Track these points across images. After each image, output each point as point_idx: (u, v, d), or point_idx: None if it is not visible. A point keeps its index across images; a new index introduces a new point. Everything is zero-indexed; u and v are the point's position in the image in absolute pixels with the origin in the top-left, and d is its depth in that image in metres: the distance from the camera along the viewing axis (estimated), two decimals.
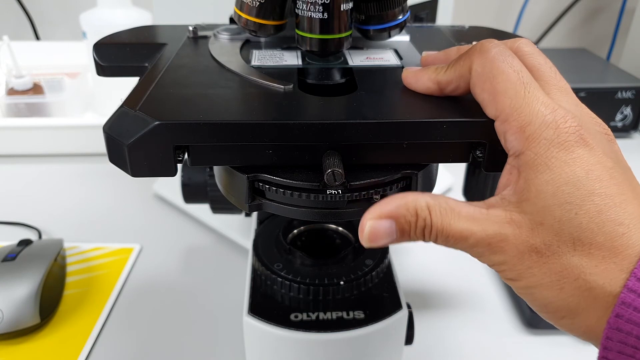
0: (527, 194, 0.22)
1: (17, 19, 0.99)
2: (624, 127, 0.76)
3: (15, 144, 0.70)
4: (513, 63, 0.24)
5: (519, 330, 0.45)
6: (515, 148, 0.23)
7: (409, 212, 0.23)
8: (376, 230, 0.23)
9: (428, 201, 0.23)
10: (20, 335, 0.42)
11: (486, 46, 0.25)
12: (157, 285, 0.49)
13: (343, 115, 0.26)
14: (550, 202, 0.21)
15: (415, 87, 0.28)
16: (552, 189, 0.21)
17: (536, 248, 0.22)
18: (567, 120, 0.22)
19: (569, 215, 0.21)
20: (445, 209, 0.23)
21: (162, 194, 0.61)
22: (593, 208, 0.21)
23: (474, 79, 0.25)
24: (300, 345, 0.32)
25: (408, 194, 0.24)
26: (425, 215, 0.23)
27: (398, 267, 0.51)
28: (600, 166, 0.22)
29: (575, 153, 0.22)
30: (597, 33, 1.08)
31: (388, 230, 0.23)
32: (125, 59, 0.36)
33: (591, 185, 0.21)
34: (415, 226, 0.23)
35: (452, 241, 0.23)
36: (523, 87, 0.23)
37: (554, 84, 0.25)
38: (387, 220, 0.23)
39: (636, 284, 0.20)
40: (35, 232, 0.56)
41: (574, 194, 0.21)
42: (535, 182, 0.22)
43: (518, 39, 0.27)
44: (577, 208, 0.21)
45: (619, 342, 0.20)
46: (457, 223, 0.23)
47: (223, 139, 0.24)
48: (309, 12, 0.30)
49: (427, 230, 0.23)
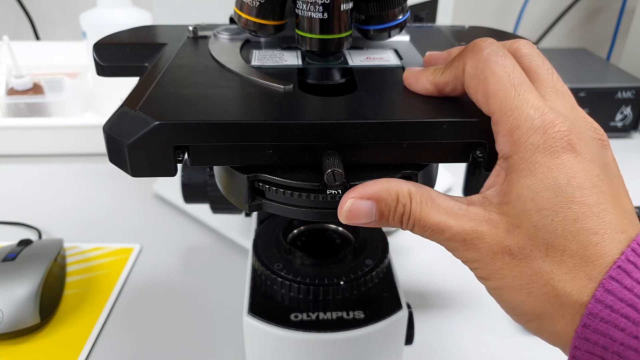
0: (509, 196, 0.22)
1: (17, 19, 0.99)
2: (624, 127, 0.76)
3: (15, 144, 0.70)
4: (505, 63, 0.24)
5: (519, 330, 0.45)
6: (504, 151, 0.23)
7: (390, 196, 0.23)
8: (356, 209, 0.24)
9: (410, 188, 0.23)
10: (20, 335, 0.42)
11: (479, 46, 0.24)
12: (157, 285, 0.49)
13: (343, 115, 0.26)
14: (529, 207, 0.22)
15: (414, 88, 0.28)
16: (532, 194, 0.22)
17: (510, 250, 0.22)
18: (555, 124, 0.22)
19: (545, 221, 0.21)
20: (427, 198, 0.23)
21: (162, 194, 0.61)
22: (570, 215, 0.21)
23: (467, 80, 0.25)
24: (300, 345, 0.32)
25: (393, 179, 0.24)
26: (406, 201, 0.23)
27: (398, 267, 0.51)
28: (584, 173, 0.22)
29: (560, 159, 0.22)
30: (597, 33, 1.08)
31: (367, 211, 0.24)
32: (125, 59, 0.36)
33: (571, 193, 0.21)
34: (395, 211, 0.23)
35: (429, 232, 0.23)
36: (513, 89, 0.23)
37: (550, 86, 0.24)
38: (368, 201, 0.24)
39: (604, 295, 0.20)
40: (35, 232, 0.56)
41: (553, 201, 0.21)
42: (517, 186, 0.22)
43: (518, 40, 0.27)
44: (554, 214, 0.21)
45: (586, 352, 0.21)
46: (435, 214, 0.23)
47: (223, 139, 0.24)
48: (309, 12, 0.30)
49: (405, 217, 0.23)
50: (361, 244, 0.37)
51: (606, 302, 0.20)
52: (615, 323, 0.20)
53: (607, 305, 0.20)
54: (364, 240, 0.38)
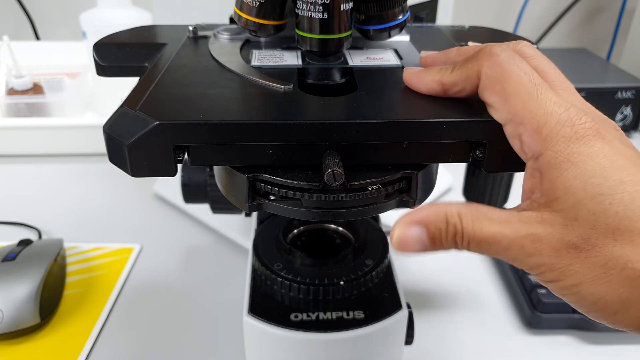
0: (556, 192, 0.22)
1: (17, 19, 0.99)
2: (624, 127, 0.76)
3: (15, 144, 0.70)
4: (523, 66, 0.24)
5: (519, 330, 0.45)
6: (534, 150, 0.23)
7: (439, 218, 0.23)
8: (405, 237, 0.23)
9: (459, 208, 0.23)
10: (20, 335, 0.42)
11: (495, 50, 0.25)
12: (157, 285, 0.49)
13: (343, 115, 0.26)
14: (581, 196, 0.21)
15: (418, 87, 0.28)
16: (581, 183, 0.21)
17: (574, 244, 0.21)
18: (581, 117, 0.22)
19: (603, 206, 0.21)
20: (476, 214, 0.23)
21: (162, 194, 0.61)
22: (626, 196, 0.21)
23: (483, 82, 0.25)
24: (300, 345, 0.32)
25: (439, 203, 0.24)
26: (456, 221, 0.23)
27: (398, 267, 0.51)
28: (622, 156, 0.22)
29: (596, 146, 0.22)
30: (597, 33, 1.08)
31: (418, 237, 0.23)
32: (125, 59, 0.36)
33: (619, 175, 0.21)
34: (447, 233, 0.23)
35: (485, 246, 0.23)
36: (535, 88, 0.23)
37: (559, 85, 0.25)
38: (417, 227, 0.23)
39: None
40: (35, 232, 0.56)
41: (604, 185, 0.21)
42: (562, 180, 0.22)
43: (519, 42, 0.27)
44: (610, 198, 0.21)
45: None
46: (488, 227, 0.22)
47: (223, 139, 0.24)
48: (309, 12, 0.30)
49: (458, 236, 0.23)
50: (361, 244, 0.37)
51: None
52: None
53: None
54: (364, 240, 0.38)
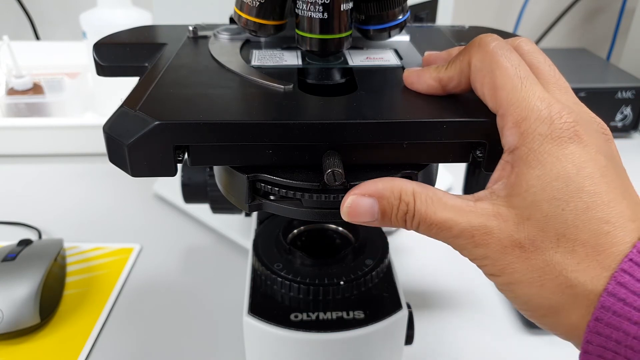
0: (518, 188, 0.22)
1: (17, 19, 0.99)
2: (624, 127, 0.76)
3: (15, 144, 0.70)
4: (511, 57, 0.24)
5: (518, 330, 0.45)
6: (510, 143, 0.23)
7: (393, 194, 0.23)
8: (357, 206, 0.23)
9: (415, 188, 0.23)
10: (20, 335, 0.42)
11: (485, 40, 0.25)
12: (157, 285, 0.49)
13: (343, 115, 0.26)
14: (539, 197, 0.21)
15: (417, 86, 0.28)
16: (542, 184, 0.21)
17: (520, 243, 0.22)
18: (562, 115, 0.22)
19: (556, 211, 0.21)
20: (432, 197, 0.23)
21: (162, 194, 0.61)
22: (581, 205, 0.21)
23: (473, 74, 0.25)
24: (300, 345, 0.32)
25: (396, 178, 0.24)
26: (409, 200, 0.23)
27: (398, 267, 0.51)
28: (593, 163, 0.22)
29: (568, 149, 0.22)
30: (597, 33, 1.08)
31: (369, 209, 0.23)
32: (125, 59, 0.36)
33: (581, 182, 0.21)
34: (397, 210, 0.23)
35: (435, 230, 0.23)
36: (520, 81, 0.23)
37: (553, 82, 0.25)
38: (370, 199, 0.23)
39: (616, 288, 0.20)
40: (35, 232, 0.56)
41: (563, 190, 0.21)
42: (527, 177, 0.22)
43: (518, 37, 0.27)
44: (565, 204, 0.21)
45: (599, 346, 0.20)
46: (441, 212, 0.23)
47: (223, 139, 0.24)
48: (309, 12, 0.30)
49: (409, 215, 0.23)
50: (361, 244, 0.37)
51: (618, 295, 0.20)
52: (628, 316, 0.20)
53: (620, 298, 0.20)
54: (364, 240, 0.38)
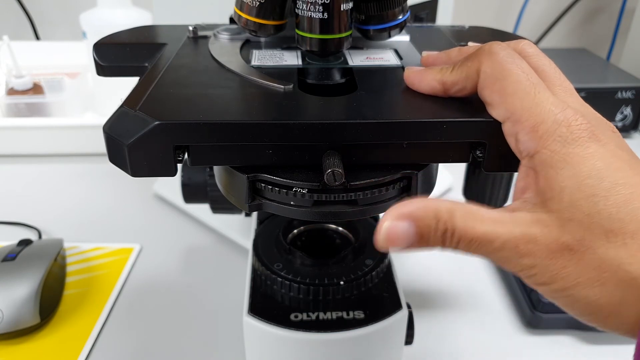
0: (551, 192, 0.22)
1: (17, 19, 0.99)
2: (624, 127, 0.76)
3: (15, 144, 0.70)
4: (522, 65, 0.24)
5: (519, 330, 0.45)
6: (529, 148, 0.23)
7: (428, 215, 0.22)
8: (393, 231, 0.22)
9: (450, 205, 0.22)
10: (20, 335, 0.42)
11: (494, 48, 0.25)
12: (157, 285, 0.49)
13: (343, 115, 0.26)
14: (577, 197, 0.21)
15: (418, 87, 0.28)
16: (576, 184, 0.21)
17: (568, 245, 0.21)
18: (577, 118, 0.22)
19: (598, 208, 0.21)
20: (468, 212, 0.22)
21: (162, 194, 0.61)
22: (620, 198, 0.21)
23: (483, 81, 0.25)
24: (300, 345, 0.32)
25: (430, 198, 0.23)
26: (446, 218, 0.22)
27: (398, 267, 0.51)
28: (617, 158, 0.22)
29: (591, 148, 0.22)
30: (597, 33, 1.08)
31: (406, 232, 0.22)
32: (125, 59, 0.36)
33: (614, 176, 0.21)
34: (436, 230, 0.22)
35: (476, 245, 0.22)
36: (533, 87, 0.23)
37: (558, 84, 0.25)
38: (406, 222, 0.22)
39: None
40: (35, 232, 0.56)
41: (599, 186, 0.21)
42: (558, 179, 0.22)
43: (520, 41, 0.27)
44: (604, 200, 0.21)
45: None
46: (480, 226, 0.22)
47: (223, 139, 0.24)
48: (309, 12, 0.30)
49: (448, 234, 0.22)
50: (361, 244, 0.37)
51: None
52: None
53: None
54: (364, 240, 0.38)
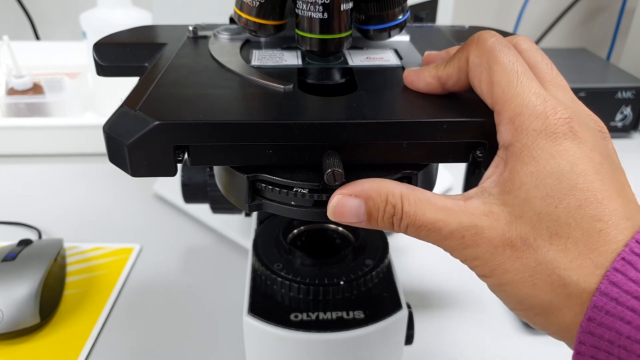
0: (511, 185, 0.22)
1: (17, 19, 0.99)
2: (624, 127, 0.76)
3: (15, 144, 0.70)
4: (508, 53, 0.24)
5: (518, 330, 0.45)
6: (505, 139, 0.23)
7: (379, 196, 0.23)
8: (342, 206, 0.23)
9: (402, 190, 0.23)
10: (20, 335, 0.42)
11: (483, 37, 0.25)
12: (157, 285, 0.49)
13: (343, 115, 0.26)
14: (532, 195, 0.21)
15: (416, 85, 0.28)
16: (535, 181, 0.21)
17: (511, 242, 0.21)
18: (557, 111, 0.22)
19: (549, 209, 0.21)
20: (420, 198, 0.23)
21: (162, 194, 0.61)
22: (573, 202, 0.21)
23: (471, 70, 0.25)
24: (300, 345, 0.32)
25: (384, 180, 0.23)
26: (396, 202, 0.23)
27: (398, 267, 0.51)
28: (587, 160, 0.21)
29: (563, 145, 0.21)
30: (597, 33, 1.08)
31: (355, 210, 0.23)
32: (125, 59, 0.36)
33: (574, 179, 0.21)
34: (384, 212, 0.23)
35: (424, 232, 0.23)
36: (516, 76, 0.23)
37: (550, 80, 0.25)
38: (356, 199, 0.23)
39: (608, 287, 0.20)
40: (35, 232, 0.56)
41: (556, 187, 0.21)
42: (520, 174, 0.22)
43: (517, 36, 0.27)
44: (557, 201, 0.21)
45: (592, 346, 0.20)
46: (431, 213, 0.22)
47: (223, 139, 0.24)
48: (309, 12, 0.30)
49: (396, 217, 0.23)
50: (361, 244, 0.37)
51: (611, 295, 0.20)
52: (621, 316, 0.19)
53: (612, 297, 0.20)
54: (364, 240, 0.38)
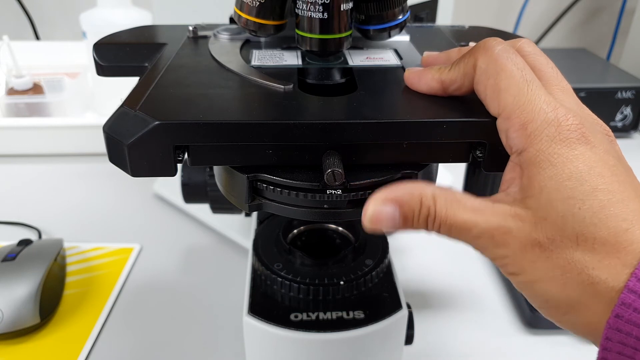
0: (531, 190, 0.22)
1: (17, 19, 0.99)
2: (624, 127, 0.76)
3: (15, 144, 0.70)
4: (517, 61, 0.24)
5: (519, 330, 0.45)
6: (518, 145, 0.23)
7: (413, 199, 0.23)
8: (379, 214, 0.23)
9: (434, 191, 0.23)
10: (20, 335, 0.42)
11: (490, 44, 0.25)
12: (157, 285, 0.49)
13: (343, 115, 0.26)
14: (554, 197, 0.22)
15: (418, 86, 0.28)
16: (556, 185, 0.22)
17: (539, 242, 0.22)
18: (568, 118, 0.22)
19: (573, 210, 0.21)
20: (451, 199, 0.23)
21: (162, 194, 0.61)
22: (596, 203, 0.21)
23: (478, 76, 0.25)
24: (300, 345, 0.32)
25: (415, 182, 0.24)
26: (430, 204, 0.23)
27: (398, 267, 0.51)
28: (602, 163, 0.22)
29: (577, 150, 0.22)
30: (597, 33, 1.08)
31: (391, 215, 0.23)
32: (125, 59, 0.36)
33: (594, 181, 0.21)
34: (419, 214, 0.23)
35: (456, 231, 0.23)
36: (526, 84, 0.23)
37: (555, 83, 0.25)
38: (391, 205, 0.23)
39: (637, 285, 0.20)
40: (35, 232, 0.56)
41: (578, 189, 0.21)
42: (539, 178, 0.22)
43: (520, 39, 0.27)
44: (581, 203, 0.21)
45: (618, 343, 0.20)
46: (461, 213, 0.23)
47: (223, 139, 0.24)
48: (309, 12, 0.30)
49: (430, 218, 0.23)
50: (361, 244, 0.37)
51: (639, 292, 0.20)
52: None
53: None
54: (364, 240, 0.38)
